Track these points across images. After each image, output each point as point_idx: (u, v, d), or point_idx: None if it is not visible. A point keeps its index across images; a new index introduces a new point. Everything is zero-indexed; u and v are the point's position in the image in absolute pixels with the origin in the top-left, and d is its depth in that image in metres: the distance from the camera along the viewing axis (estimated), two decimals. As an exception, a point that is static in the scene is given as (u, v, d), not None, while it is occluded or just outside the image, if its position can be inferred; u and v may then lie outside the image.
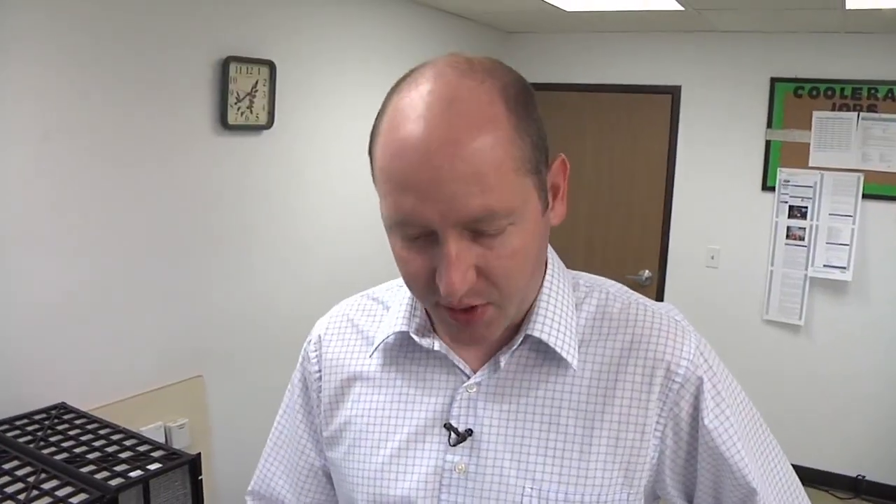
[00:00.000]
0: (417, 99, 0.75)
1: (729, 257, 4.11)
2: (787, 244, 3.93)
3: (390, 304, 0.98)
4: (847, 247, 3.78)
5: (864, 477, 3.89)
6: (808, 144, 3.87)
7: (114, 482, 1.65)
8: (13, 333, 2.03)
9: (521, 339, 0.87)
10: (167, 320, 2.47)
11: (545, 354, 0.88)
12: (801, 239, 3.89)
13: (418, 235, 0.77)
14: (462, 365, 0.90)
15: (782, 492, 0.96)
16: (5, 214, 1.99)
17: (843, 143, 3.80)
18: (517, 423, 0.88)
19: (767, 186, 3.97)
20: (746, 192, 4.03)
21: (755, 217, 4.02)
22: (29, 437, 1.87)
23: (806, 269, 3.88)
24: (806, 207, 3.88)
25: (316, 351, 1.02)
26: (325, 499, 1.07)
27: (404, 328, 0.92)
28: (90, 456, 1.77)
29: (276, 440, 1.09)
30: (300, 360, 1.06)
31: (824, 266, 3.84)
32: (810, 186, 3.87)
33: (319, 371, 1.01)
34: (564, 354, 0.87)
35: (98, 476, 1.67)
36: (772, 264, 3.97)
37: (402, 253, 0.80)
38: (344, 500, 1.01)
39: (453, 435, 0.89)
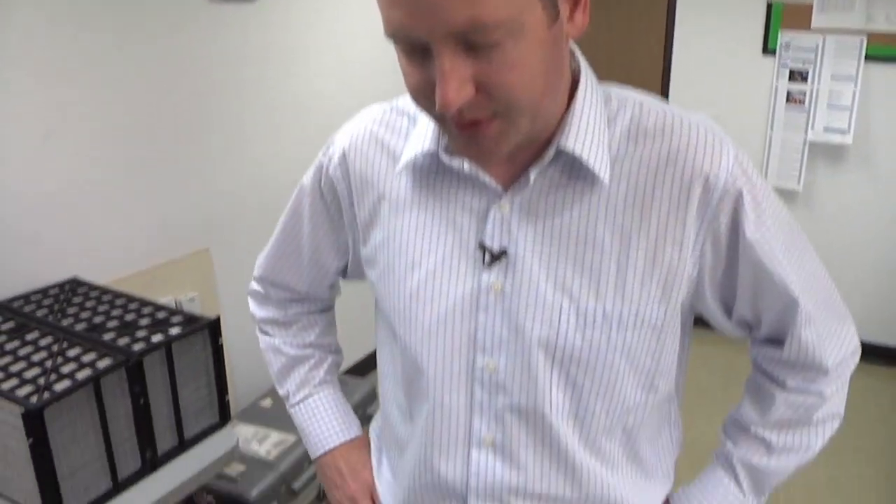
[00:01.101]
0: None
1: (728, 122, 4.00)
2: (787, 108, 3.89)
3: (418, 118, 0.95)
4: (848, 110, 3.75)
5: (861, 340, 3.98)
6: (811, 6, 3.75)
7: (136, 347, 1.68)
8: (20, 212, 2.02)
9: (552, 152, 0.85)
10: (171, 194, 2.46)
11: (578, 172, 0.87)
12: (802, 103, 3.85)
13: (414, 49, 0.74)
14: (493, 184, 0.88)
15: (824, 303, 0.97)
16: (4, 97, 1.94)
17: (846, 4, 3.70)
18: (552, 242, 0.87)
19: (768, 50, 3.89)
20: (746, 57, 3.95)
21: (755, 82, 3.95)
22: (46, 311, 1.88)
23: (806, 132, 3.86)
24: (807, 71, 3.81)
25: (342, 167, 1.00)
26: (328, 287, 1.18)
27: (432, 147, 0.90)
28: (110, 324, 1.79)
29: (283, 240, 1.15)
30: (319, 168, 1.04)
31: (824, 130, 3.81)
32: (812, 50, 3.79)
33: (349, 190, 1.00)
34: (596, 169, 0.84)
35: (120, 342, 1.69)
36: (771, 129, 3.94)
37: (404, 67, 0.78)
38: (383, 322, 1.02)
39: (488, 255, 0.89)
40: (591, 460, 0.96)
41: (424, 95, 0.77)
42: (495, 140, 0.78)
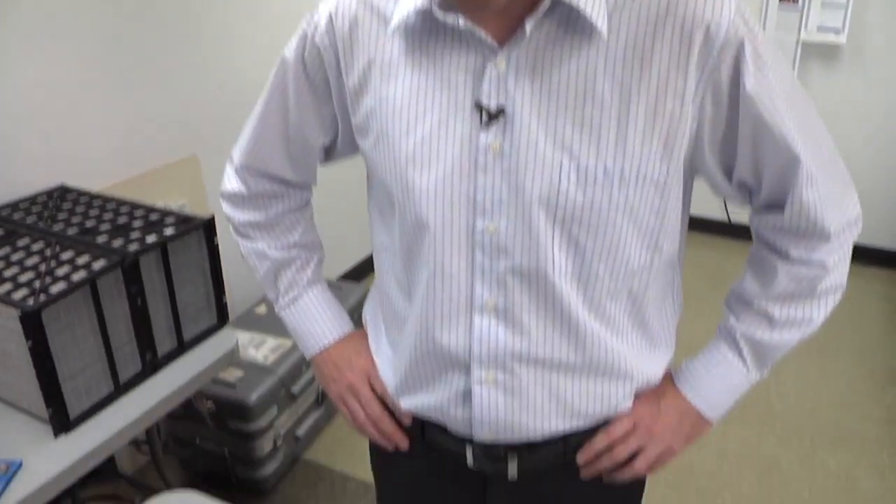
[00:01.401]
0: None
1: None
2: (780, 7, 3.81)
3: None
4: (843, 8, 3.68)
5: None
6: None
7: (131, 248, 1.66)
8: (2, 120, 1.97)
9: (548, 1, 0.82)
10: (157, 101, 2.41)
11: (575, 24, 0.84)
12: (795, 2, 3.77)
13: None
14: (489, 40, 0.85)
15: (826, 165, 0.95)
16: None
17: None
18: (550, 98, 0.85)
19: (762, -52, 3.80)
20: (740, -45, 3.86)
21: (748, -19, 3.88)
22: (35, 217, 1.86)
23: (799, 32, 3.79)
24: (801, -32, 3.73)
25: (328, 35, 0.97)
26: (314, 170, 1.16)
27: (425, 4, 0.86)
28: (102, 228, 1.77)
29: (265, 120, 1.12)
30: (303, 38, 1.01)
31: (818, 29, 3.75)
32: (806, -54, 3.70)
33: (336, 58, 0.97)
34: (593, 19, 0.81)
35: (114, 244, 1.68)
36: (763, 28, 3.86)
37: None
38: (379, 186, 1.01)
39: (485, 115, 0.86)
40: (595, 324, 0.96)
41: None
42: None
